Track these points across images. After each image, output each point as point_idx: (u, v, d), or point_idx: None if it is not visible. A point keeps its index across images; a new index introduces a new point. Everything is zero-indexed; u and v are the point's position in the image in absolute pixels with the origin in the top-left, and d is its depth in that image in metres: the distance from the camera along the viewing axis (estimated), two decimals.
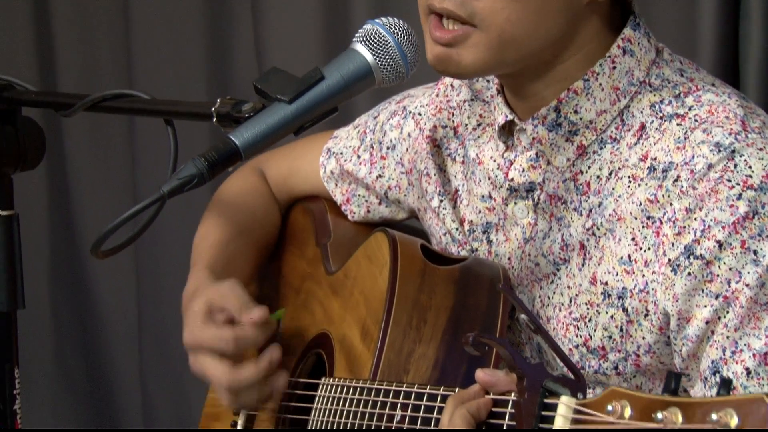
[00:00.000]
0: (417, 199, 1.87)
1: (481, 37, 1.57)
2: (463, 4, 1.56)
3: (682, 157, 1.55)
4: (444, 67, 1.60)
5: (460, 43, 1.57)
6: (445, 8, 1.57)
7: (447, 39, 1.58)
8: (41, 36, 3.27)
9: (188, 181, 1.44)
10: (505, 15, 1.55)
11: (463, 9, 1.56)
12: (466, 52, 1.58)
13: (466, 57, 1.58)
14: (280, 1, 2.99)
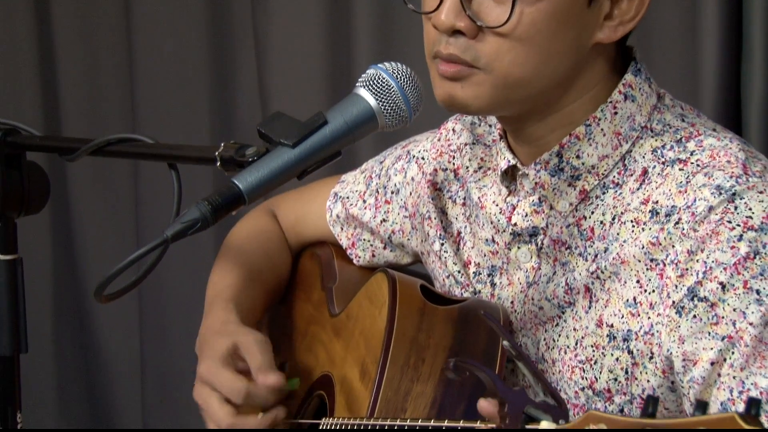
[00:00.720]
0: (420, 243, 1.87)
1: (486, 78, 1.57)
2: (468, 49, 1.57)
3: (684, 201, 1.55)
4: (451, 102, 1.60)
5: (465, 79, 1.58)
6: (451, 54, 1.58)
7: (452, 72, 1.58)
8: (46, 81, 3.28)
9: (192, 225, 1.44)
10: (511, 57, 1.56)
11: (467, 53, 1.57)
12: (471, 88, 1.58)
13: (471, 92, 1.58)
14: (284, 45, 3.01)
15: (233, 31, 3.13)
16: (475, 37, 1.56)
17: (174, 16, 3.15)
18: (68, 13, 3.25)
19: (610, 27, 1.59)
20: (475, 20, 1.55)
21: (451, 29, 1.56)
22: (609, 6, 1.59)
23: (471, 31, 1.56)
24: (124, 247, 3.24)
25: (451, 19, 1.56)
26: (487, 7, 1.56)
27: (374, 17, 2.90)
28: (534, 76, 1.58)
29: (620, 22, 1.60)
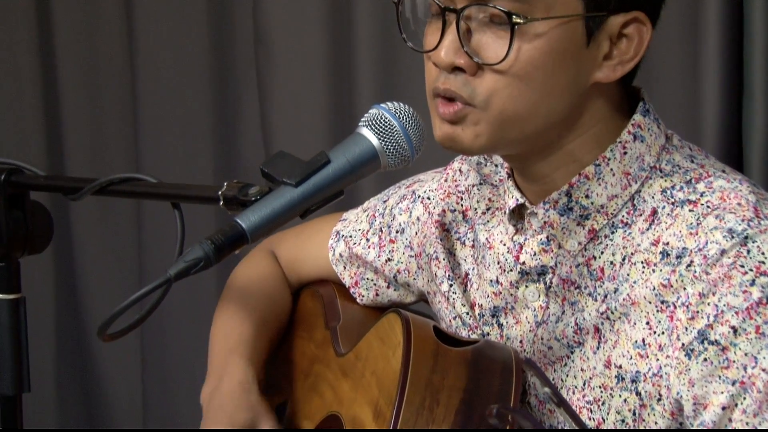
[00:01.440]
0: (426, 283, 1.87)
1: (482, 115, 1.58)
2: (465, 85, 1.58)
3: (696, 243, 1.55)
4: (450, 144, 1.61)
5: (462, 120, 1.59)
6: (448, 89, 1.59)
7: (450, 115, 1.59)
8: (50, 121, 3.29)
9: (195, 264, 1.44)
10: (507, 93, 1.57)
11: (464, 89, 1.58)
12: (470, 129, 1.59)
13: (469, 134, 1.59)
14: (287, 86, 3.02)
15: (236, 71, 3.15)
16: (475, 74, 1.57)
17: (178, 57, 3.17)
18: (72, 55, 3.26)
19: (609, 67, 1.60)
20: (474, 57, 1.56)
21: (450, 66, 1.57)
22: (608, 46, 1.59)
23: (470, 68, 1.57)
24: (127, 286, 3.24)
25: (450, 56, 1.57)
26: (486, 44, 1.57)
27: (376, 57, 2.92)
28: (530, 114, 1.58)
29: (619, 62, 1.60)
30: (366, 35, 2.91)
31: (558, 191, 1.64)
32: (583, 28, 1.57)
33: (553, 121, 1.60)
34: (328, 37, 2.98)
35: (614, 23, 1.58)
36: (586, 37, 1.58)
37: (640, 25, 1.59)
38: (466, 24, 1.57)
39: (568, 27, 1.56)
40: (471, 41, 1.57)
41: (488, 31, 1.56)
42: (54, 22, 3.26)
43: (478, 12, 1.56)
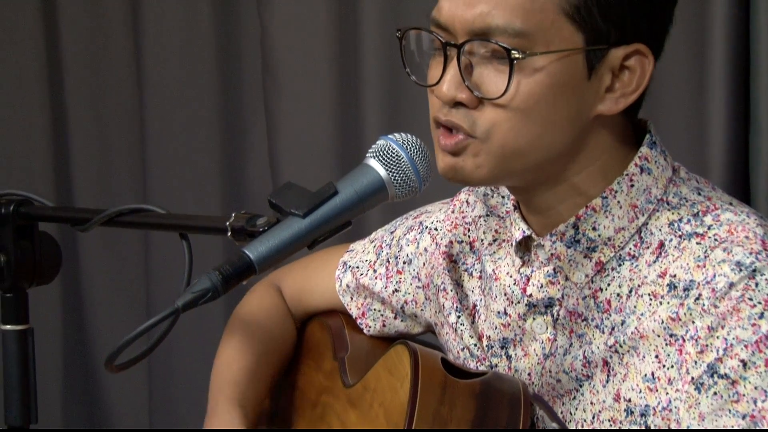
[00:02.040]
0: (434, 314, 1.87)
1: (483, 147, 1.58)
2: (467, 117, 1.58)
3: (703, 276, 1.55)
4: (452, 175, 1.62)
5: (463, 152, 1.59)
6: (450, 120, 1.59)
7: (451, 146, 1.59)
8: (58, 152, 3.31)
9: (202, 295, 1.44)
10: (508, 127, 1.57)
11: (465, 121, 1.58)
12: (470, 160, 1.59)
13: (470, 164, 1.60)
14: (295, 115, 3.03)
15: (244, 102, 3.16)
16: (476, 107, 1.58)
17: (186, 88, 3.18)
18: (81, 86, 3.28)
19: (611, 99, 1.60)
20: (475, 91, 1.57)
21: (452, 101, 1.58)
22: (610, 78, 1.59)
23: (471, 102, 1.57)
24: (135, 317, 3.25)
25: (452, 90, 1.58)
26: (487, 78, 1.57)
27: (383, 88, 2.93)
28: (532, 147, 1.58)
29: (622, 94, 1.60)
30: (373, 66, 2.93)
31: (565, 223, 1.64)
32: (584, 61, 1.57)
33: (556, 153, 1.60)
34: (336, 68, 2.99)
35: (615, 56, 1.58)
36: (587, 70, 1.58)
37: (641, 57, 1.59)
38: (468, 59, 1.57)
39: (569, 61, 1.57)
40: (472, 76, 1.57)
41: (489, 65, 1.57)
42: (62, 54, 3.28)
43: (479, 47, 1.57)
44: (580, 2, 1.55)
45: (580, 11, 1.55)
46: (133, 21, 3.20)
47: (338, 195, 1.53)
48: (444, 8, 1.59)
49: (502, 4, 1.55)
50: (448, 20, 1.58)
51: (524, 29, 1.54)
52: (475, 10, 1.56)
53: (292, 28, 3.02)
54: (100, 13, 3.25)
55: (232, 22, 3.14)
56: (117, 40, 3.25)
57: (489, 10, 1.55)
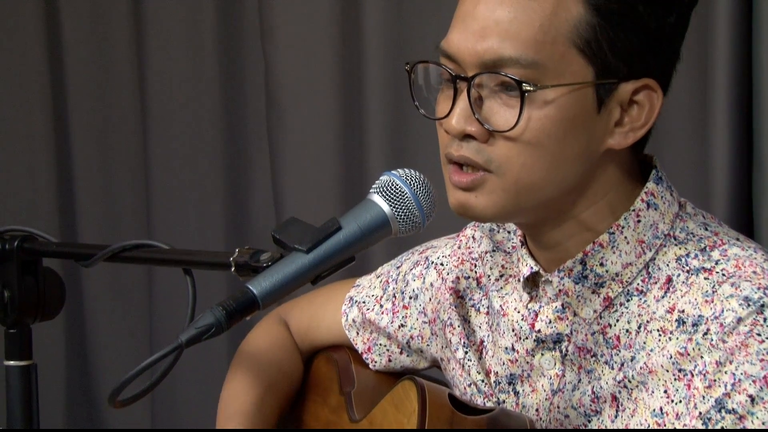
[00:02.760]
0: (440, 349, 1.87)
1: (498, 183, 1.58)
2: (479, 152, 1.58)
3: (711, 311, 1.55)
4: (464, 211, 1.61)
5: (477, 188, 1.59)
6: (463, 156, 1.59)
7: (465, 183, 1.59)
8: (62, 188, 3.31)
9: (206, 331, 1.44)
10: (521, 161, 1.57)
11: (479, 156, 1.58)
12: (484, 197, 1.59)
13: (483, 201, 1.59)
14: (298, 150, 3.03)
15: (248, 136, 3.16)
16: (486, 141, 1.58)
17: (190, 121, 3.19)
18: (85, 121, 3.29)
19: (620, 133, 1.60)
20: (485, 124, 1.57)
21: (461, 134, 1.58)
22: (619, 113, 1.59)
23: (482, 135, 1.57)
24: (138, 353, 3.24)
25: (461, 124, 1.57)
26: (497, 112, 1.57)
27: (387, 123, 2.93)
28: (544, 182, 1.59)
29: (631, 128, 1.60)
30: (377, 100, 2.93)
31: (572, 259, 1.64)
32: (594, 95, 1.58)
33: (567, 188, 1.60)
34: (340, 102, 3.00)
35: (625, 90, 1.59)
36: (597, 104, 1.58)
37: (650, 92, 1.59)
38: (477, 91, 1.57)
39: (579, 94, 1.57)
40: (482, 109, 1.58)
41: (499, 98, 1.57)
42: (67, 91, 3.29)
43: (488, 80, 1.57)
44: (591, 36, 1.56)
45: (591, 45, 1.56)
46: (137, 55, 3.22)
47: (342, 230, 1.53)
48: (453, 40, 1.59)
49: (513, 37, 1.55)
50: (457, 52, 1.58)
51: (536, 60, 1.55)
52: (485, 43, 1.56)
53: (296, 62, 3.03)
54: (106, 47, 3.26)
55: (236, 56, 3.15)
56: (122, 75, 3.26)
57: (500, 42, 1.55)
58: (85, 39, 3.26)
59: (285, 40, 3.02)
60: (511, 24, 1.55)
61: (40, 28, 3.27)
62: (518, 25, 1.55)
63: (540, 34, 1.55)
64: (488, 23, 1.56)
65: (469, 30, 1.57)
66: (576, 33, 1.56)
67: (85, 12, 3.26)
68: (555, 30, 1.55)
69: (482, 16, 1.57)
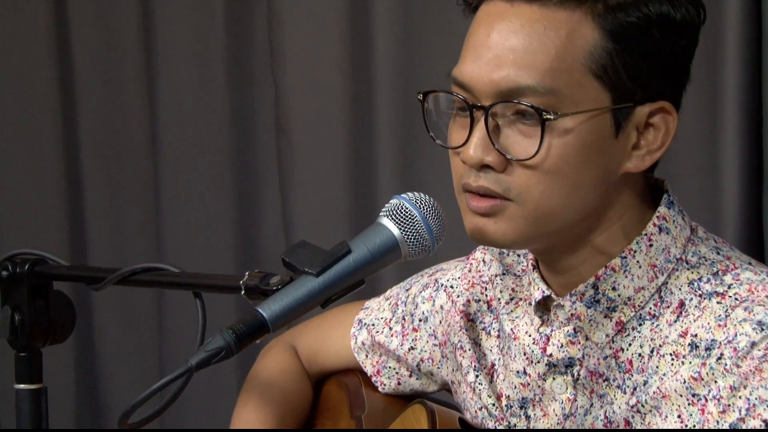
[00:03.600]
0: (451, 372, 1.86)
1: (518, 210, 1.57)
2: (498, 181, 1.57)
3: (725, 335, 1.54)
4: (481, 237, 1.61)
5: (497, 214, 1.58)
6: (481, 186, 1.58)
7: (485, 209, 1.58)
8: (72, 211, 3.32)
9: (216, 354, 1.45)
10: (540, 189, 1.56)
11: (498, 186, 1.57)
12: (503, 223, 1.58)
13: (503, 227, 1.59)
14: (308, 174, 3.04)
15: (257, 160, 3.17)
16: (504, 170, 1.57)
17: (200, 147, 3.19)
18: (95, 146, 3.30)
19: (638, 156, 1.60)
20: (505, 154, 1.56)
21: (480, 164, 1.57)
22: (636, 136, 1.59)
23: (500, 165, 1.56)
24: (148, 376, 3.24)
25: (479, 154, 1.56)
26: (514, 141, 1.56)
27: (397, 148, 2.94)
28: (564, 208, 1.58)
29: (648, 151, 1.60)
30: (386, 126, 2.94)
31: (584, 283, 1.63)
32: (612, 120, 1.57)
33: (585, 213, 1.59)
34: (349, 127, 3.01)
35: (641, 114, 1.58)
36: (614, 128, 1.57)
37: (666, 114, 1.59)
38: (495, 120, 1.56)
39: (597, 120, 1.56)
40: (500, 137, 1.56)
41: (516, 127, 1.56)
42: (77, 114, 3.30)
43: (505, 108, 1.56)
44: (607, 62, 1.55)
45: (607, 70, 1.55)
46: (147, 80, 3.23)
47: (351, 254, 1.53)
48: (467, 69, 1.58)
49: (529, 65, 1.54)
50: (471, 81, 1.57)
51: (553, 88, 1.54)
52: (501, 71, 1.55)
53: (305, 88, 3.03)
54: (116, 71, 3.28)
55: (246, 83, 3.16)
56: (132, 97, 3.27)
57: (516, 70, 1.54)
58: (96, 66, 3.27)
59: (294, 67, 3.03)
60: (526, 52, 1.55)
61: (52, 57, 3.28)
62: (534, 54, 1.54)
63: (556, 61, 1.54)
64: (503, 51, 1.55)
65: (483, 59, 1.56)
66: (592, 59, 1.55)
67: (95, 40, 3.27)
68: (571, 57, 1.55)
69: (496, 44, 1.56)
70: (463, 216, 1.61)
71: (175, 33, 3.18)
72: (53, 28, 3.27)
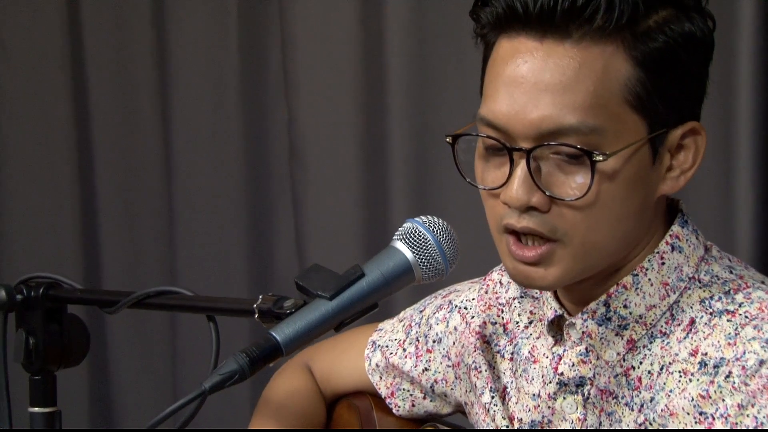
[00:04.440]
0: (465, 393, 1.86)
1: (566, 251, 1.56)
2: (544, 222, 1.55)
3: (734, 353, 1.54)
4: (530, 283, 1.59)
5: (545, 261, 1.56)
6: (526, 227, 1.55)
7: (532, 258, 1.56)
8: (87, 235, 3.33)
9: (229, 377, 1.45)
10: (586, 225, 1.55)
11: (544, 226, 1.55)
12: (553, 268, 1.57)
13: (553, 272, 1.57)
14: (321, 198, 3.04)
15: (271, 185, 3.18)
16: (548, 210, 1.54)
17: (213, 172, 3.20)
18: (110, 169, 3.31)
19: (672, 178, 1.59)
20: (549, 193, 1.54)
21: (525, 206, 1.54)
22: (669, 159, 1.58)
23: (544, 205, 1.54)
24: (162, 399, 3.24)
25: (524, 196, 1.53)
26: (558, 180, 1.54)
27: (410, 172, 2.94)
28: (609, 240, 1.57)
29: (681, 171, 1.59)
30: (400, 151, 2.94)
31: (596, 301, 1.63)
32: (650, 148, 1.56)
33: (628, 242, 1.59)
34: (362, 151, 3.01)
35: (674, 137, 1.58)
36: (652, 156, 1.56)
37: (695, 135, 1.59)
38: (536, 162, 1.54)
39: (639, 153, 1.55)
40: (542, 178, 1.54)
41: (558, 167, 1.54)
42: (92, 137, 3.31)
43: (546, 149, 1.53)
44: (641, 91, 1.54)
45: (642, 99, 1.54)
46: (161, 106, 3.24)
47: (365, 277, 1.53)
48: (501, 110, 1.54)
49: (569, 104, 1.52)
50: (507, 122, 1.54)
51: (596, 125, 1.51)
52: (540, 112, 1.52)
53: (318, 111, 3.04)
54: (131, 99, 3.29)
55: (260, 109, 3.17)
56: (146, 122, 3.28)
57: (557, 110, 1.51)
58: (111, 92, 3.29)
59: (308, 92, 3.04)
60: (565, 91, 1.52)
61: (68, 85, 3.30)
62: (572, 92, 1.52)
63: (594, 98, 1.52)
64: (539, 91, 1.52)
65: (518, 99, 1.53)
66: (627, 90, 1.53)
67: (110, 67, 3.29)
68: (608, 92, 1.53)
69: (531, 84, 1.53)
70: (504, 258, 1.59)
71: (188, 58, 3.19)
72: (70, 56, 3.29)
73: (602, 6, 1.51)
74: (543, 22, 1.52)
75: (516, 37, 1.55)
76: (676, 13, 1.55)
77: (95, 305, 1.75)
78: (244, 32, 3.15)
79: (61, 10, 3.28)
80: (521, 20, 1.53)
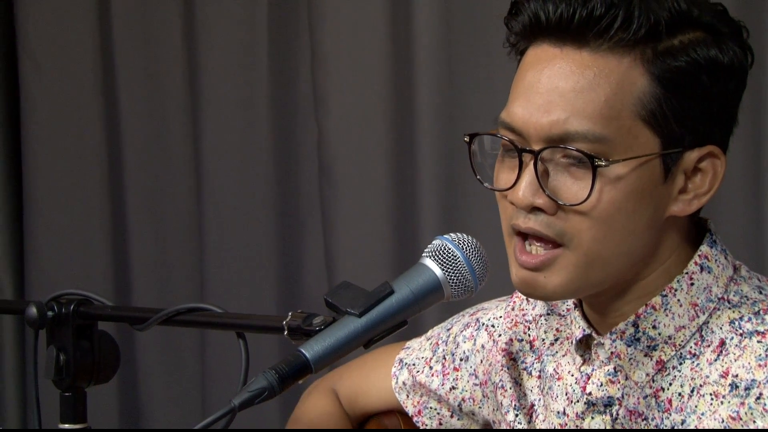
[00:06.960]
0: (492, 412, 1.86)
1: (569, 258, 1.56)
2: (550, 225, 1.56)
3: (765, 375, 1.53)
4: (530, 291, 1.60)
5: (547, 267, 1.57)
6: (531, 228, 1.57)
7: (534, 264, 1.57)
8: (117, 252, 3.34)
9: (259, 394, 1.45)
10: (592, 234, 1.55)
11: (550, 229, 1.56)
12: (554, 275, 1.57)
13: (553, 280, 1.58)
14: (350, 215, 3.05)
15: (300, 201, 3.18)
16: (555, 213, 1.56)
17: (243, 188, 3.21)
18: (140, 188, 3.33)
19: (684, 201, 1.59)
20: (554, 198, 1.55)
21: (529, 207, 1.56)
22: (683, 180, 1.58)
23: (550, 207, 1.56)
24: (191, 416, 3.25)
25: (528, 196, 1.56)
26: (564, 184, 1.56)
27: (439, 189, 2.94)
28: (614, 255, 1.57)
29: (695, 195, 1.59)
30: (429, 166, 2.95)
31: (625, 322, 1.62)
32: (661, 165, 1.56)
33: (634, 260, 1.59)
34: (392, 169, 3.02)
35: (690, 159, 1.57)
36: (663, 173, 1.56)
37: (714, 159, 1.58)
38: (544, 165, 1.56)
39: (647, 166, 1.55)
40: (549, 181, 1.56)
41: (566, 171, 1.56)
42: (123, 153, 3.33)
43: (555, 153, 1.55)
44: (656, 108, 1.54)
45: (656, 116, 1.54)
46: (192, 125, 3.25)
47: (394, 294, 1.53)
48: (517, 113, 1.57)
49: (580, 111, 1.54)
50: (522, 125, 1.56)
51: (604, 135, 1.53)
52: (551, 116, 1.54)
53: (348, 130, 3.05)
54: (161, 112, 3.31)
55: (289, 124, 3.18)
56: (176, 141, 3.29)
57: (567, 116, 1.54)
58: (142, 112, 3.31)
59: (338, 110, 3.05)
60: (577, 98, 1.54)
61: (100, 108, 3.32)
62: (584, 100, 1.54)
63: (606, 108, 1.54)
64: (553, 96, 1.55)
65: (533, 103, 1.56)
66: (641, 105, 1.54)
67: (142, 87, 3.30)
68: (620, 103, 1.54)
69: (546, 88, 1.56)
70: (510, 265, 1.60)
71: (219, 77, 3.20)
72: (102, 76, 3.31)
73: (620, 17, 1.53)
74: (562, 30, 1.55)
75: (540, 45, 1.58)
76: (706, 37, 1.55)
77: (125, 322, 1.76)
78: (273, 51, 3.16)
79: (93, 30, 3.31)
80: (544, 28, 1.56)
